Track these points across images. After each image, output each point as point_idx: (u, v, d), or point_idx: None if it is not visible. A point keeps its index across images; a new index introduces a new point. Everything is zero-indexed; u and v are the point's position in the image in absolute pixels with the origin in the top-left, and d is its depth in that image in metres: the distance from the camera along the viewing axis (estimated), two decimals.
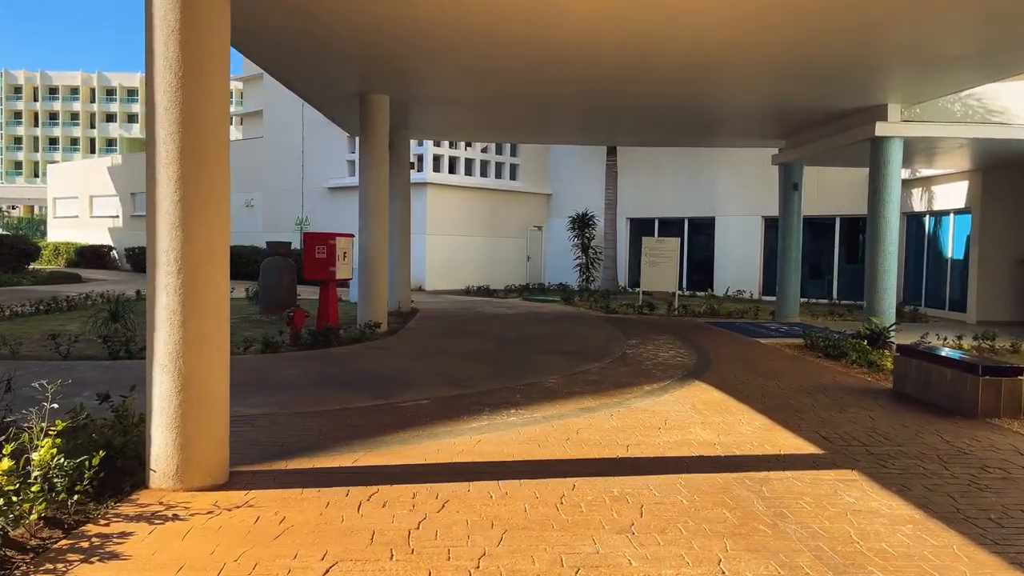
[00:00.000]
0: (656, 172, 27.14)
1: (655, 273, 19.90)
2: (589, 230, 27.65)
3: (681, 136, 18.85)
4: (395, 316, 16.58)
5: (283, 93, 28.79)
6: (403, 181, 17.77)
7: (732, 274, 25.17)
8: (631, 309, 19.30)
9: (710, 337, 14.46)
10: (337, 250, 12.07)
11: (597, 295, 23.20)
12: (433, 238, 26.28)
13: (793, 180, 18.09)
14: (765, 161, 24.31)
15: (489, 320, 16.41)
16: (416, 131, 18.22)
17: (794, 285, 18.13)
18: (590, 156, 28.66)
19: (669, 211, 26.87)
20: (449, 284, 26.57)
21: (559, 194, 29.81)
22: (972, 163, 17.79)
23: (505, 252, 28.65)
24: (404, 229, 17.86)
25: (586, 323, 16.31)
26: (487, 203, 27.99)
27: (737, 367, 10.88)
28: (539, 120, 16.98)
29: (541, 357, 11.16)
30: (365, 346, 11.81)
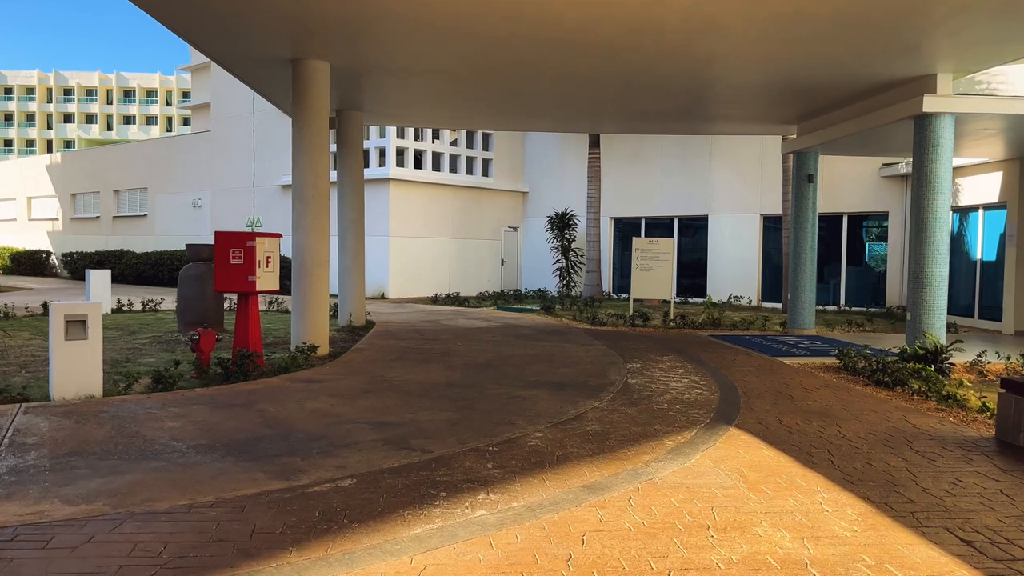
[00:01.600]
0: (643, 167, 24.73)
1: (647, 278, 17.43)
2: (569, 231, 25.16)
3: (674, 121, 16.41)
4: (345, 333, 13.92)
5: (232, 82, 26.00)
6: (355, 172, 15.12)
7: (728, 278, 22.80)
8: (621, 320, 16.80)
9: (722, 356, 11.99)
10: (258, 254, 9.41)
11: (580, 303, 20.69)
12: (397, 240, 23.63)
13: (807, 171, 15.71)
14: (763, 153, 21.99)
15: (458, 337, 13.81)
16: (372, 114, 15.58)
17: (809, 292, 15.75)
18: (570, 150, 26.19)
19: (657, 210, 24.46)
20: (416, 291, 23.92)
21: (536, 192, 27.30)
22: (1009, 150, 15.54)
23: (478, 255, 26.07)
24: (357, 229, 15.21)
25: (572, 339, 13.77)
26: (457, 202, 25.40)
27: (774, 403, 8.39)
28: (513, 100, 14.45)
29: (522, 392, 8.58)
30: (292, 379, 9.14)
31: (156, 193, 32.50)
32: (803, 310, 15.75)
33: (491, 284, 26.30)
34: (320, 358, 10.75)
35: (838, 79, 12.05)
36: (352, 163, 15.04)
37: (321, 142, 11.02)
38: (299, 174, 10.97)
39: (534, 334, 14.46)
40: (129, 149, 35.94)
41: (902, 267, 20.13)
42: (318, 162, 10.98)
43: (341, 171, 15.15)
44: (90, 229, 35.86)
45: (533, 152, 27.40)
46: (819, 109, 14.42)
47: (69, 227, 37.28)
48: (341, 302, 15.18)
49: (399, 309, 19.52)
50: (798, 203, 15.80)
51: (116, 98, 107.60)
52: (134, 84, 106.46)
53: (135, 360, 10.25)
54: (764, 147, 22.18)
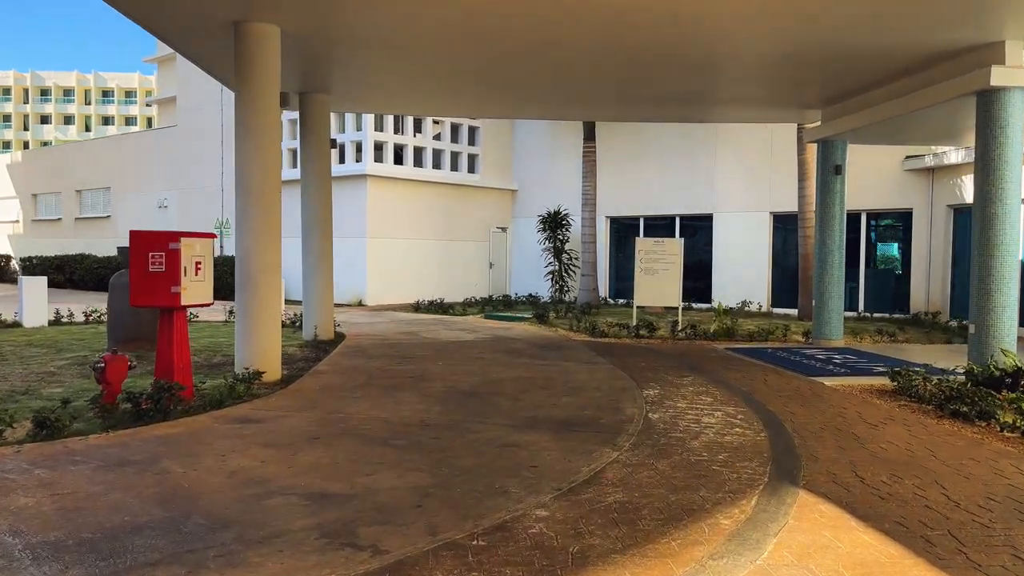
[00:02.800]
0: (642, 162, 22.90)
1: (652, 283, 15.59)
2: (562, 231, 23.30)
3: (679, 106, 14.57)
4: (308, 349, 11.98)
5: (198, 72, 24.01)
6: (321, 163, 13.19)
7: (735, 282, 20.99)
8: (624, 331, 14.94)
9: (750, 377, 10.14)
10: (183, 258, 7.47)
11: (576, 310, 18.81)
12: (376, 242, 21.69)
13: (834, 161, 13.91)
14: (773, 146, 20.20)
15: (439, 353, 11.90)
16: (341, 98, 13.65)
17: (836, 299, 13.94)
18: (563, 144, 24.34)
19: (657, 208, 22.64)
20: (396, 298, 21.98)
21: (527, 189, 25.43)
22: None
23: (464, 258, 24.16)
24: (324, 228, 13.29)
25: (572, 355, 11.89)
26: (441, 200, 23.49)
27: (840, 447, 6.53)
28: (499, 82, 12.59)
29: (516, 436, 6.67)
30: (224, 417, 7.21)
31: (119, 193, 30.41)
32: (830, 319, 13.93)
33: (478, 289, 24.40)
34: (268, 385, 8.82)
35: (881, 49, 10.24)
36: (317, 153, 13.11)
37: (270, 123, 9.08)
38: (243, 161, 9.04)
39: (527, 348, 12.57)
40: (92, 147, 33.84)
41: (927, 269, 18.38)
42: (266, 147, 9.05)
43: (305, 162, 13.22)
44: (51, 232, 33.70)
45: (523, 147, 25.54)
46: (850, 89, 12.62)
47: (31, 229, 35.12)
48: (306, 313, 13.25)
49: (376, 318, 17.57)
50: (824, 198, 13.99)
51: (95, 99, 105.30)
52: (113, 84, 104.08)
53: (35, 391, 8.28)
54: (774, 139, 20.40)
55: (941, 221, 17.98)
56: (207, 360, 10.63)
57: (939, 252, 18.01)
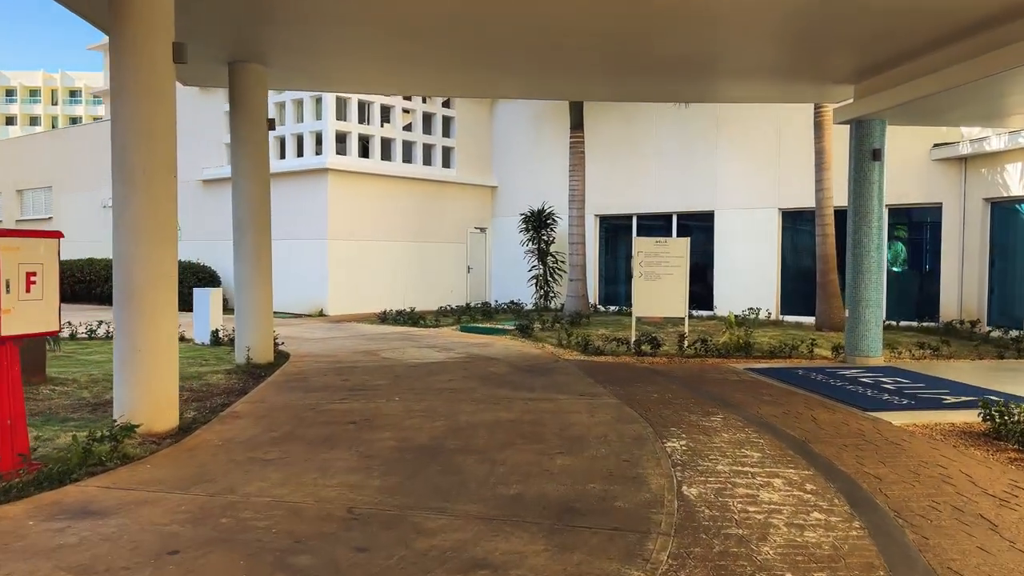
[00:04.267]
0: (635, 154, 20.68)
1: (653, 291, 13.33)
2: (547, 231, 21.04)
3: (682, 79, 12.32)
4: (235, 378, 9.62)
5: None
6: (255, 148, 10.82)
7: (739, 287, 18.81)
8: (623, 347, 12.69)
9: (794, 413, 7.91)
10: (3, 269, 5.10)
11: (564, 320, 16.53)
12: (339, 245, 19.31)
13: (871, 145, 11.74)
14: (782, 135, 18.04)
15: (397, 383, 9.57)
16: (281, 70, 11.26)
17: (875, 308, 11.76)
18: (547, 135, 22.09)
19: (652, 205, 20.42)
20: (362, 307, 19.60)
21: (508, 186, 23.14)
22: None
23: (439, 262, 21.83)
24: (259, 228, 10.92)
25: (564, 382, 9.59)
26: (413, 198, 21.14)
27: (981, 547, 4.28)
28: (471, 46, 10.30)
29: (490, 544, 4.33)
30: (50, 508, 4.83)
31: (61, 192, 27.78)
32: (867, 332, 11.74)
33: (455, 296, 22.06)
34: (158, 437, 6.45)
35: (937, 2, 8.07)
36: (251, 135, 10.73)
37: (158, 79, 6.70)
38: (119, 133, 6.66)
39: (508, 373, 10.25)
40: (33, 142, 31.18)
41: (960, 271, 16.27)
42: (154, 111, 6.67)
43: (236, 147, 10.84)
44: None
45: (503, 139, 23.25)
46: (892, 56, 10.44)
47: None
48: (238, 331, 10.87)
49: (333, 332, 15.19)
50: (859, 189, 11.81)
51: (61, 99, 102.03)
52: (80, 84, 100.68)
53: None
54: (783, 126, 18.25)
55: (976, 216, 15.88)
56: (96, 397, 8.24)
57: (974, 251, 15.91)
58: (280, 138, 20.43)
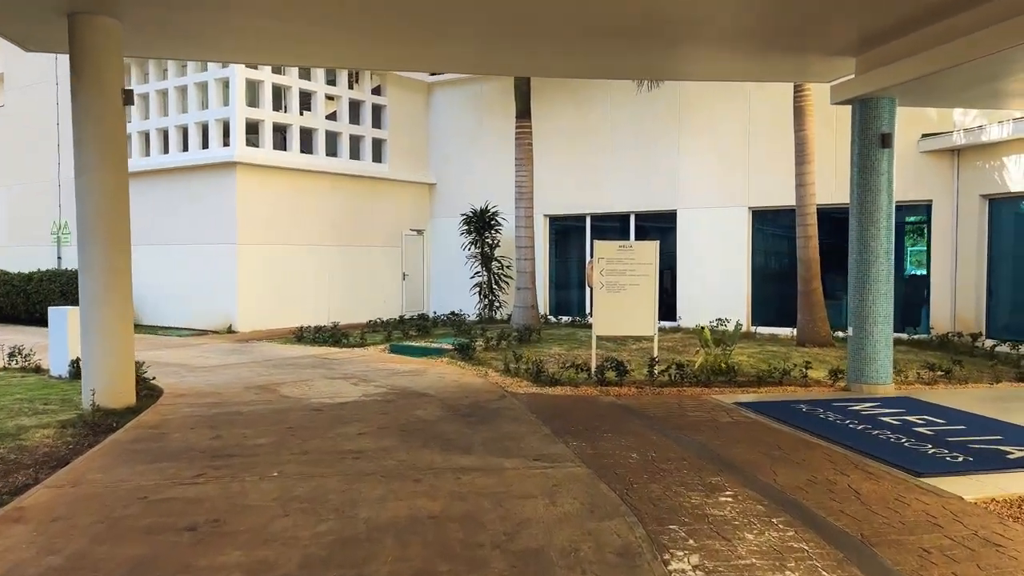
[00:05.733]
0: (588, 146, 18.53)
1: (617, 305, 11.14)
2: (492, 233, 18.75)
3: (648, 52, 10.20)
4: (70, 433, 7.09)
5: None
6: (105, 129, 8.25)
7: (706, 295, 16.81)
8: (582, 373, 10.46)
9: (827, 483, 5.77)
10: None
11: (512, 337, 14.24)
12: (250, 251, 16.70)
13: (879, 129, 9.75)
14: (751, 125, 16.08)
15: (285, 441, 7.13)
16: (137, 25, 8.67)
17: (884, 325, 9.76)
18: (491, 125, 19.79)
19: (608, 203, 18.30)
20: (280, 321, 17.00)
21: (447, 183, 20.76)
22: None
23: (370, 268, 19.34)
24: (113, 232, 8.34)
25: (512, 437, 7.28)
26: (339, 196, 18.62)
27: None
28: (395, 7, 7.95)
29: None
30: None
31: None
32: (875, 354, 9.74)
33: (389, 306, 19.60)
34: None
35: None
36: (99, 111, 8.17)
37: None
38: None
39: (440, 422, 7.89)
40: None
41: (953, 276, 14.53)
42: None
43: (81, 127, 8.25)
44: None
45: (441, 130, 20.86)
46: (906, 19, 8.47)
47: None
48: (85, 365, 8.30)
49: (233, 357, 12.61)
50: (864, 181, 9.80)
51: None
52: None
53: None
54: (753, 115, 16.32)
55: (972, 214, 14.13)
56: None
57: (970, 255, 14.16)
58: (183, 128, 17.70)
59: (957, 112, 14.41)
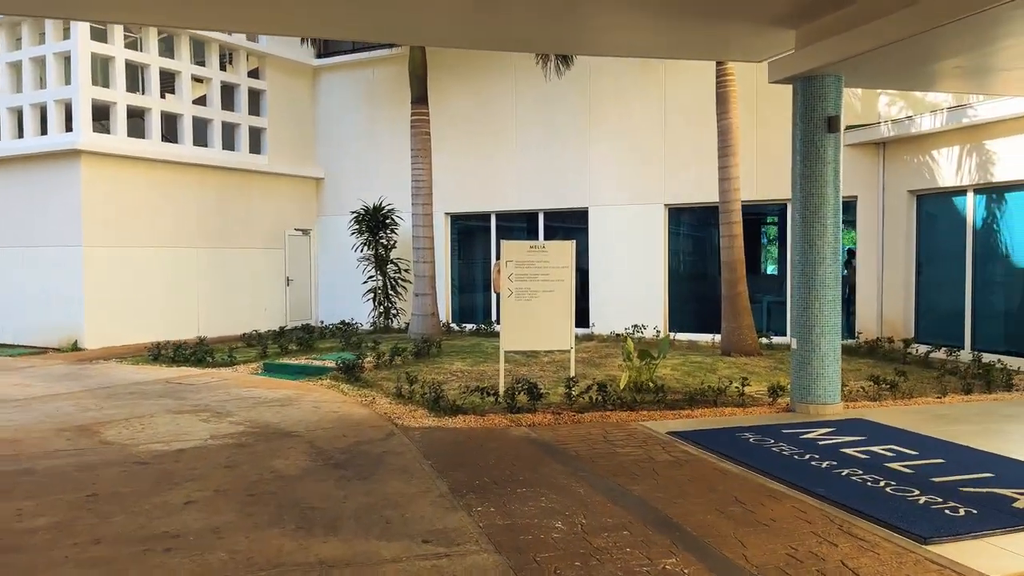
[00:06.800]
0: (493, 138, 16.92)
1: (530, 315, 9.56)
2: (387, 233, 16.90)
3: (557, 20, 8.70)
4: None
5: None
6: None
7: (620, 300, 15.48)
8: (488, 398, 8.81)
9: (811, 556, 4.30)
10: None
11: (409, 352, 12.44)
12: (100, 254, 14.28)
13: (824, 111, 8.51)
14: (667, 115, 14.88)
15: (76, 522, 5.17)
16: None
17: (832, 336, 8.53)
18: (385, 113, 17.92)
19: (514, 201, 16.75)
20: (137, 334, 14.63)
21: (337, 177, 18.74)
22: None
23: (248, 273, 17.12)
24: None
25: (396, 501, 5.53)
26: (210, 191, 16.35)
27: None
28: None
29: None
30: None
31: None
32: (823, 370, 8.49)
33: (271, 315, 17.43)
34: None
35: None
36: None
37: None
38: None
39: (304, 477, 6.05)
40: None
41: (879, 277, 13.69)
42: None
43: None
44: None
45: (330, 119, 18.81)
46: None
47: None
48: None
49: (61, 385, 10.29)
50: (808, 171, 8.55)
51: None
52: None
53: None
54: (669, 105, 15.10)
55: (900, 212, 13.31)
56: None
57: (897, 255, 13.33)
58: (16, 110, 15.05)
59: (883, 102, 13.59)
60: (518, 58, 15.97)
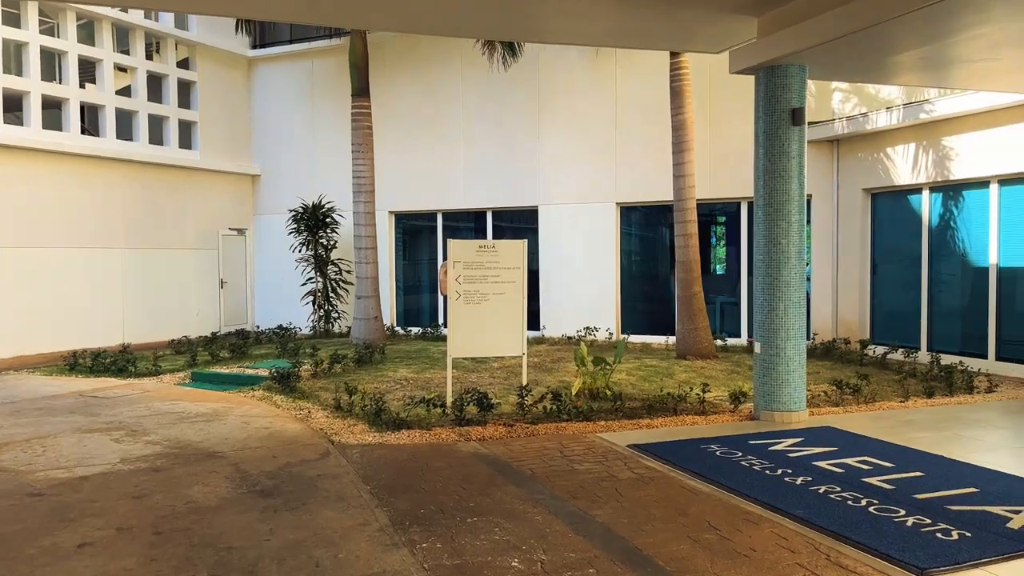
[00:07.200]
0: (438, 134, 16.23)
1: (479, 319, 8.94)
2: (327, 232, 16.09)
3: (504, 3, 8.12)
4: None
5: None
6: None
7: (571, 301, 14.98)
8: (435, 409, 8.16)
9: None
10: None
11: (349, 360, 11.67)
12: (9, 255, 13.16)
13: (788, 103, 8.13)
14: (619, 110, 14.41)
15: None
16: None
17: (797, 340, 8.13)
18: (325, 107, 17.08)
19: (461, 199, 16.10)
20: (54, 342, 13.54)
21: (274, 174, 17.81)
22: None
23: (178, 276, 16.09)
24: None
25: (328, 538, 4.85)
26: (136, 188, 15.29)
27: None
28: None
29: None
30: None
31: None
32: (788, 376, 8.08)
33: (203, 320, 16.42)
34: None
35: None
36: None
37: None
38: None
39: (224, 509, 5.31)
40: None
41: (834, 277, 13.46)
42: None
43: None
44: None
45: (267, 114, 17.87)
46: None
47: None
48: None
49: None
50: (772, 166, 8.14)
51: None
52: None
53: None
54: (620, 100, 14.65)
55: (854, 211, 13.09)
56: None
57: (853, 254, 13.11)
58: None
59: (837, 99, 13.35)
60: (464, 50, 15.34)
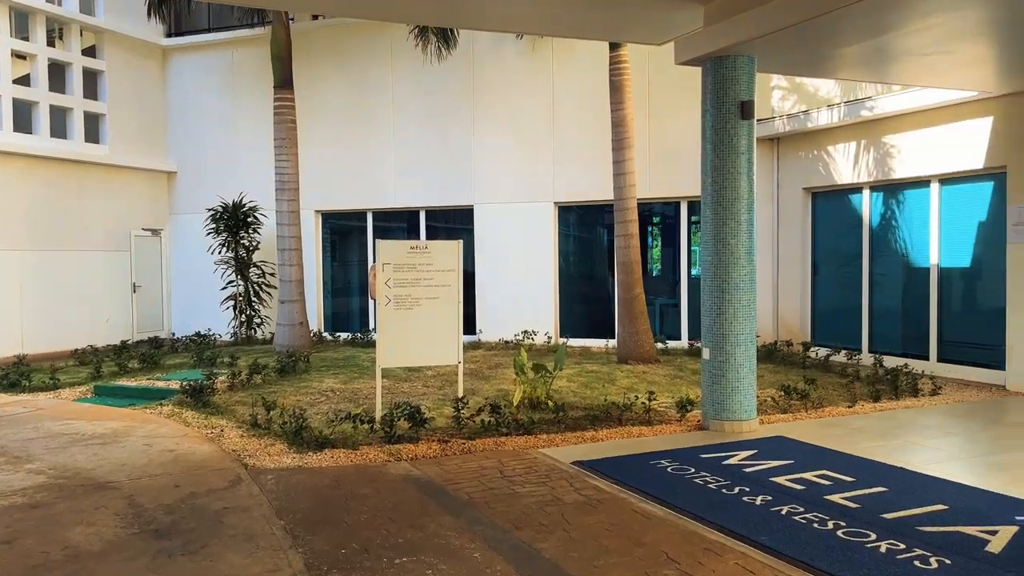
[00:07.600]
0: (367, 129, 15.47)
1: (411, 326, 8.26)
2: (249, 233, 15.16)
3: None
4: None
5: None
6: None
7: (508, 304, 14.43)
8: (363, 426, 7.47)
9: None
10: None
11: (271, 370, 10.84)
12: None
13: (737, 96, 7.69)
14: (555, 107, 13.96)
15: None
16: None
17: (748, 347, 7.73)
18: (246, 100, 16.12)
19: (392, 198, 15.37)
20: None
21: (192, 171, 16.73)
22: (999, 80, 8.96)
23: (86, 279, 14.91)
24: None
25: (235, 574, 4.17)
26: (36, 185, 14.08)
27: None
28: None
29: None
30: None
31: None
32: (738, 384, 7.68)
33: (114, 327, 15.27)
34: None
35: None
36: None
37: None
38: None
39: (108, 554, 4.54)
40: None
41: (774, 278, 13.25)
42: None
43: None
44: None
45: (183, 107, 16.77)
46: None
47: None
48: None
49: None
50: (720, 162, 7.71)
51: None
52: None
53: None
54: (558, 95, 14.17)
55: (795, 210, 12.91)
56: None
57: (792, 253, 12.93)
58: None
59: (776, 97, 13.14)
60: (395, 40, 14.64)
